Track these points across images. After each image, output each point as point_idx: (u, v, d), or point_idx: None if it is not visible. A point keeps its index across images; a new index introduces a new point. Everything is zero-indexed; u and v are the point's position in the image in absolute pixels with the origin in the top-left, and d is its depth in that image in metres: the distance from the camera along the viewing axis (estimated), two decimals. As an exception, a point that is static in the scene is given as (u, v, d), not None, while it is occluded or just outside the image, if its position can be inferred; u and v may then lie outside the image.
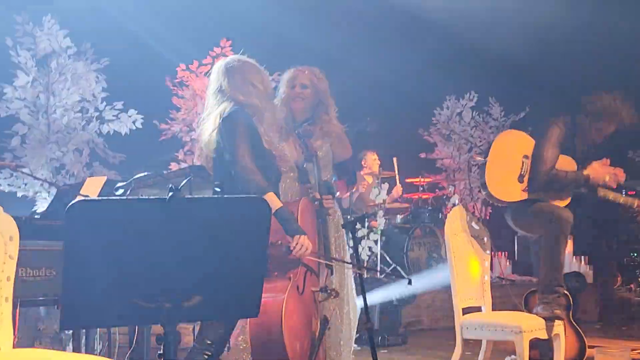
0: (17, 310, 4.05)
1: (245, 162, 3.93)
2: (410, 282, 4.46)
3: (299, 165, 4.57)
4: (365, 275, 6.87)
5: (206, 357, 3.85)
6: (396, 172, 10.15)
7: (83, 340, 5.01)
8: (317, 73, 4.87)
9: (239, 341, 4.19)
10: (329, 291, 4.11)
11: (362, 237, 9.08)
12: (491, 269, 7.83)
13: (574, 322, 5.79)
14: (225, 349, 4.19)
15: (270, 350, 3.82)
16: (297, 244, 3.88)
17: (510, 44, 11.24)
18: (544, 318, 5.21)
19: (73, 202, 2.29)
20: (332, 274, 4.40)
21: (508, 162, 5.59)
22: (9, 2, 8.60)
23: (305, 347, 3.97)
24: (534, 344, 5.24)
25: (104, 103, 8.39)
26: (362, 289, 4.53)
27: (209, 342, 3.87)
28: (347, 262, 4.68)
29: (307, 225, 4.12)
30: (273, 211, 3.74)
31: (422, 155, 11.69)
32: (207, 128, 4.15)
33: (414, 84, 12.16)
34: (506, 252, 10.98)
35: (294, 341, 3.85)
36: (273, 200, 3.88)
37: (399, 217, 10.23)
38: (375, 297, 7.67)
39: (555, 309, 5.28)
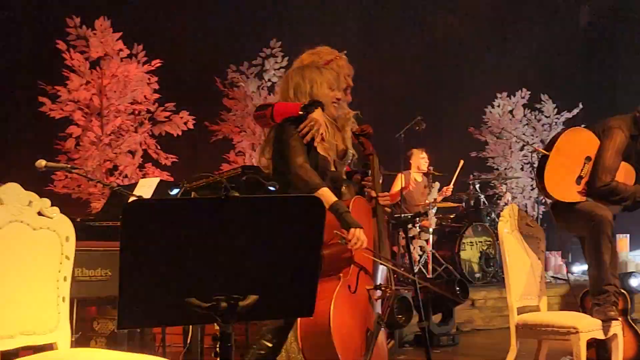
0: (74, 310, 4.10)
1: (299, 160, 3.94)
2: (470, 301, 4.46)
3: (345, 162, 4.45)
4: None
5: (264, 354, 3.87)
6: (456, 172, 10.07)
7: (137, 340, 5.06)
8: None
9: (291, 340, 4.19)
10: (382, 289, 4.08)
11: (413, 237, 9.04)
12: (545, 268, 7.75)
13: (632, 322, 5.68)
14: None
15: (320, 350, 3.80)
16: (353, 236, 3.82)
17: (562, 39, 11.13)
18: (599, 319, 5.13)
19: (129, 202, 2.31)
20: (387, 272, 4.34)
21: (570, 160, 5.49)
22: (62, 6, 8.73)
23: (359, 345, 3.94)
24: (591, 344, 5.16)
25: (156, 104, 8.46)
26: (415, 289, 4.52)
27: (266, 340, 3.88)
28: (398, 265, 4.64)
29: (361, 224, 4.09)
30: (328, 206, 3.75)
31: (473, 154, 11.60)
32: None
33: (464, 82, 12.10)
34: (560, 251, 10.85)
35: (345, 340, 3.82)
36: (327, 195, 3.85)
37: (450, 217, 10.17)
38: (427, 297, 7.62)
39: (610, 311, 5.18)
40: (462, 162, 10.06)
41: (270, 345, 3.90)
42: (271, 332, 3.90)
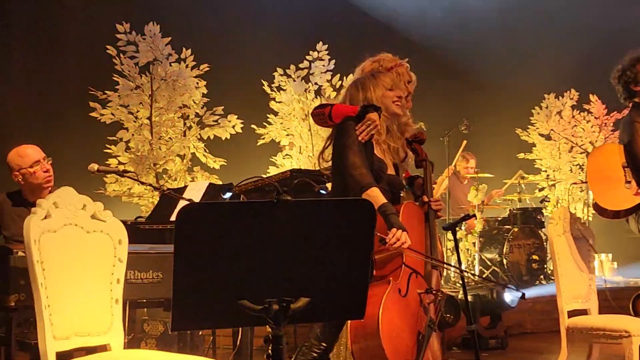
0: (126, 312, 4.16)
1: (353, 159, 3.96)
2: (523, 297, 4.42)
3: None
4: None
5: (315, 356, 3.89)
6: (517, 181, 10.05)
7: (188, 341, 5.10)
8: None
9: (341, 343, 4.21)
10: (434, 292, 4.07)
11: (460, 239, 9.00)
12: (596, 271, 7.67)
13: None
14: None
15: (369, 353, 3.81)
16: (393, 236, 3.80)
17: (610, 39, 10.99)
18: None
19: (184, 206, 2.34)
20: (441, 276, 4.33)
21: (609, 170, 5.45)
22: (111, 12, 8.85)
23: (410, 348, 3.93)
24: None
25: (205, 108, 8.54)
26: (464, 291, 4.50)
27: (318, 342, 3.90)
28: (450, 265, 4.63)
29: (412, 229, 4.07)
30: (376, 207, 3.76)
31: (520, 155, 11.51)
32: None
33: (511, 83, 12.01)
34: (611, 254, 10.72)
35: (394, 343, 3.83)
36: (377, 196, 3.86)
37: (497, 219, 10.10)
38: (475, 299, 7.59)
39: None
40: (519, 172, 10.06)
41: (320, 347, 3.92)
42: (322, 335, 3.92)
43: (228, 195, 4.46)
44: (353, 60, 4.67)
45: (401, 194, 4.34)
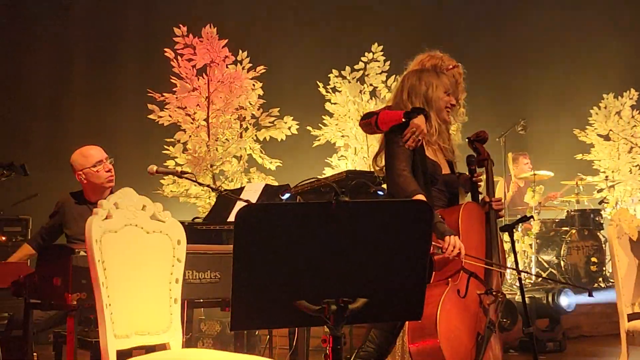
0: (184, 312, 4.20)
1: (399, 167, 3.99)
2: (590, 294, 4.37)
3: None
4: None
5: (364, 356, 3.88)
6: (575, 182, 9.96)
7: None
8: None
9: (398, 343, 4.19)
10: (494, 293, 4.04)
11: (516, 241, 8.92)
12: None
13: None
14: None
15: (427, 354, 3.80)
16: (448, 244, 3.84)
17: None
18: None
19: (243, 207, 2.36)
20: (502, 277, 4.29)
21: None
22: (169, 16, 8.96)
23: (469, 350, 3.91)
24: None
25: (261, 110, 8.58)
26: (522, 293, 4.46)
27: (374, 344, 3.90)
28: (508, 268, 4.58)
29: (472, 230, 4.07)
30: None
31: (579, 156, 11.36)
32: None
33: (568, 83, 11.88)
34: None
35: (453, 345, 3.81)
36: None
37: (554, 220, 9.98)
38: (531, 302, 7.52)
39: None
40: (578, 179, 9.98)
41: (377, 349, 3.92)
42: (379, 336, 3.92)
43: (287, 196, 4.49)
44: (408, 61, 4.66)
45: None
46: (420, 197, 3.89)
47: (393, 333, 3.98)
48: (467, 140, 4.45)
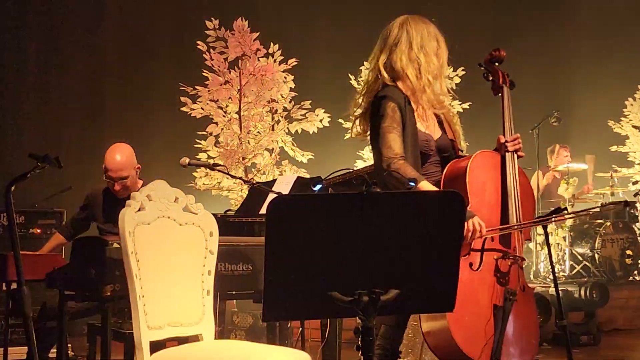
0: (217, 304, 4.22)
1: (393, 151, 3.65)
2: None
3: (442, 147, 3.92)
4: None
5: (382, 355, 3.85)
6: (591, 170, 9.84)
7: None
8: None
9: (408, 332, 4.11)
10: (512, 257, 3.72)
11: (550, 233, 8.85)
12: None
13: None
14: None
15: (440, 338, 3.64)
16: (467, 231, 3.52)
17: None
18: None
19: (275, 198, 2.37)
20: (523, 238, 3.85)
21: None
22: (201, 9, 8.99)
23: (484, 329, 3.65)
24: None
25: (292, 102, 8.59)
26: (556, 286, 4.41)
27: (386, 340, 3.84)
28: (529, 224, 3.90)
29: (485, 184, 3.74)
30: None
31: (613, 148, 11.24)
32: None
33: (602, 74, 11.75)
34: None
35: (465, 327, 3.61)
36: (428, 187, 3.60)
37: (588, 213, 9.88)
38: (564, 295, 7.47)
39: None
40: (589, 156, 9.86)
41: (391, 343, 3.86)
42: (389, 331, 3.85)
43: (318, 187, 4.47)
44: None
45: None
46: (426, 183, 3.61)
47: (399, 325, 3.88)
48: (479, 66, 4.07)
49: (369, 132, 3.90)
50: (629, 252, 9.29)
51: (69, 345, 4.96)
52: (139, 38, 10.14)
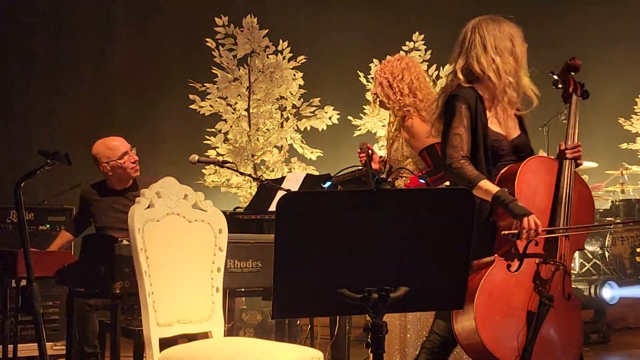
0: (226, 301, 4.22)
1: (456, 151, 3.68)
2: None
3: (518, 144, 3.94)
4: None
5: (430, 348, 3.84)
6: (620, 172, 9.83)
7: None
8: None
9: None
10: (553, 262, 3.63)
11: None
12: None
13: None
14: None
15: (470, 341, 3.57)
16: (522, 228, 3.49)
17: None
18: None
19: (284, 195, 2.36)
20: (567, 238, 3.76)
21: None
22: (210, 6, 8.99)
23: (518, 334, 3.59)
24: None
25: (301, 100, 8.58)
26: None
27: (438, 334, 3.83)
28: (586, 227, 3.93)
29: (538, 188, 3.71)
30: (491, 197, 3.54)
31: (623, 145, 11.20)
32: None
33: (611, 72, 11.71)
34: None
35: (494, 331, 3.55)
36: (488, 186, 3.59)
37: (599, 211, 9.84)
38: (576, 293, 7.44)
39: None
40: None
41: (442, 339, 3.83)
42: (443, 327, 3.82)
43: (328, 184, 4.48)
44: (449, 50, 4.59)
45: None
46: (486, 182, 3.59)
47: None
48: (552, 75, 4.10)
49: None
50: (639, 250, 9.26)
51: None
52: (148, 35, 10.15)
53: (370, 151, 4.82)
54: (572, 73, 4.08)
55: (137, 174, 5.34)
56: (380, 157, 4.97)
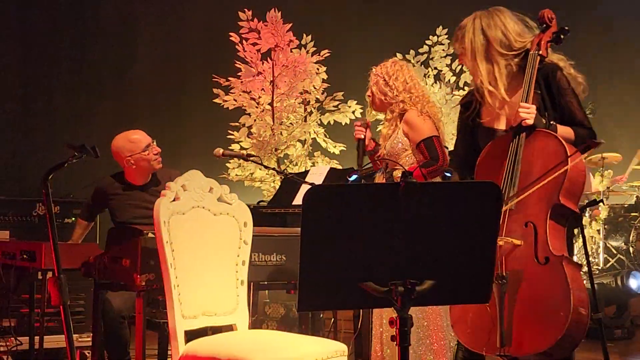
0: (250, 294, 4.24)
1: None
2: None
3: None
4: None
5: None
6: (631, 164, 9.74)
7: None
8: None
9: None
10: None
11: (584, 227, 8.78)
12: None
13: None
14: None
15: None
16: None
17: None
18: None
19: (310, 188, 2.37)
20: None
21: None
22: (234, 0, 9.00)
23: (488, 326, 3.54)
24: None
25: (325, 94, 8.58)
26: (590, 278, 4.37)
27: None
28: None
29: (491, 167, 3.71)
30: None
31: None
32: None
33: (638, 64, 11.63)
34: None
35: (467, 323, 3.58)
36: None
37: (623, 206, 9.78)
38: (599, 288, 7.41)
39: None
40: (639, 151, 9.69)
41: None
42: None
43: (354, 177, 4.50)
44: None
45: None
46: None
47: None
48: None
49: None
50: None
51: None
52: (171, 30, 10.19)
53: (368, 128, 5.04)
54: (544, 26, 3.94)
55: (160, 166, 5.34)
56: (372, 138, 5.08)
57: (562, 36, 3.96)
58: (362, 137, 4.91)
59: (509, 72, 3.84)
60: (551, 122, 3.71)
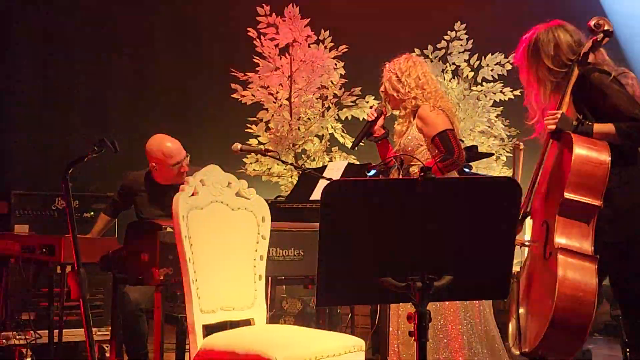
0: (268, 289, 4.25)
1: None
2: None
3: None
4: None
5: None
6: None
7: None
8: None
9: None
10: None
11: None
12: None
13: None
14: None
15: None
16: None
17: None
18: None
19: (329, 183, 2.37)
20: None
21: None
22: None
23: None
24: None
25: (342, 89, 8.57)
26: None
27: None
28: None
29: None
30: None
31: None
32: None
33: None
34: None
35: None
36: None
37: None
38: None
39: None
40: None
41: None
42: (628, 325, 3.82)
43: (372, 172, 4.50)
44: (491, 39, 4.60)
45: None
46: None
47: None
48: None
49: None
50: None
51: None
52: (189, 24, 10.20)
53: (382, 113, 5.04)
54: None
55: (182, 181, 5.32)
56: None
57: (604, 40, 4.00)
58: (371, 120, 4.89)
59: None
60: (587, 123, 3.71)
